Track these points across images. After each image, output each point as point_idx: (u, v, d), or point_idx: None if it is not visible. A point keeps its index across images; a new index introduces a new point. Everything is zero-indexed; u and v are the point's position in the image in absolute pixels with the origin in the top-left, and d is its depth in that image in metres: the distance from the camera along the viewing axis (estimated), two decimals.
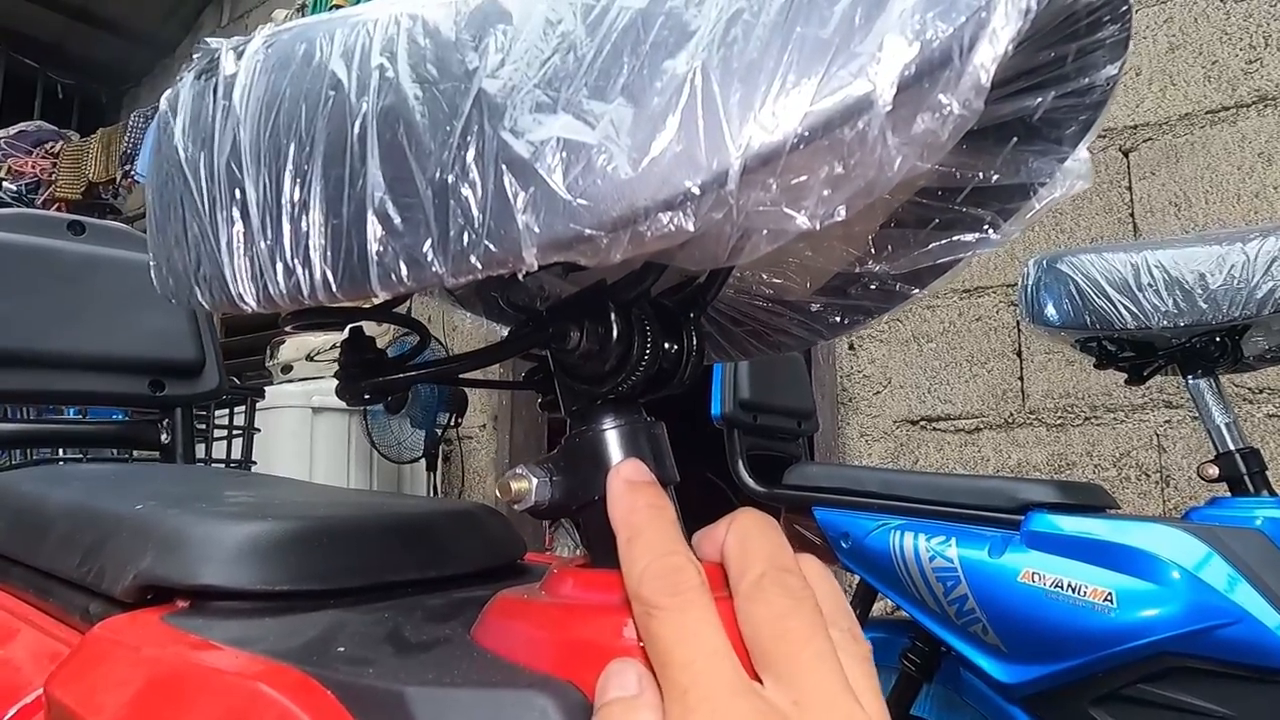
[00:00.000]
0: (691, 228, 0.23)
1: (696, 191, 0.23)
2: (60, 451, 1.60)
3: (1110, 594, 0.92)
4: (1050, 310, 1.07)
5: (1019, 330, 1.92)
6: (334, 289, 0.26)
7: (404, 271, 0.25)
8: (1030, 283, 1.09)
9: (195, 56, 0.32)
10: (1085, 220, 1.88)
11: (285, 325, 0.35)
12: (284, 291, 0.27)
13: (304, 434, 2.49)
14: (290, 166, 0.27)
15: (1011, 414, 1.91)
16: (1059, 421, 1.85)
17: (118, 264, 0.80)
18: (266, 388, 2.43)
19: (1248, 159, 1.71)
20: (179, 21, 4.33)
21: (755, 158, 0.23)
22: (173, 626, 0.37)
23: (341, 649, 0.34)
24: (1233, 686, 0.88)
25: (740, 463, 1.30)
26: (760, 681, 0.28)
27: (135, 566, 0.41)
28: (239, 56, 0.30)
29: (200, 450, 1.97)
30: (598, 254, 0.24)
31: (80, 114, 4.60)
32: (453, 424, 2.59)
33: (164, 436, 0.84)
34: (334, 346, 2.70)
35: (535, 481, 0.35)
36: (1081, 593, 0.94)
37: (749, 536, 0.32)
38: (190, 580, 0.39)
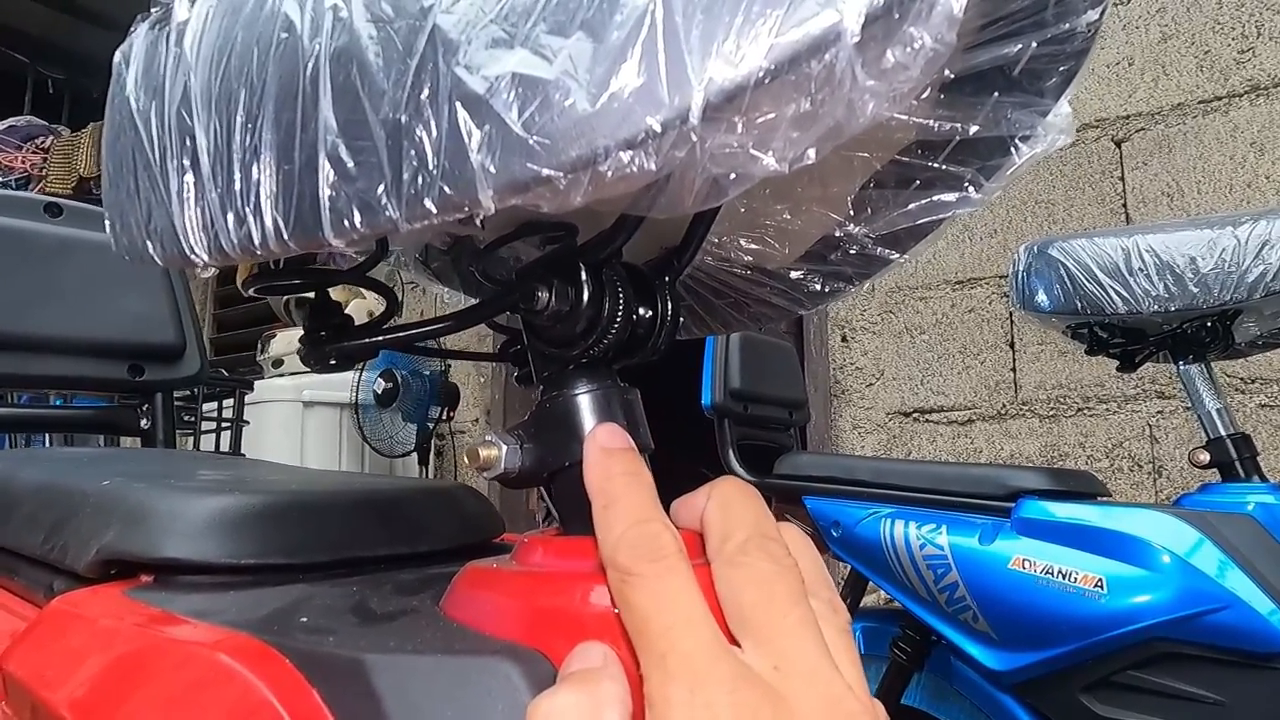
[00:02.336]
0: (654, 167, 0.22)
1: (658, 129, 0.22)
2: (49, 439, 1.59)
3: (1101, 580, 0.92)
4: (1041, 296, 1.07)
5: (1012, 322, 1.92)
6: (285, 237, 0.25)
7: (357, 217, 0.24)
8: (1021, 269, 1.09)
9: (153, 9, 0.31)
10: (1078, 211, 1.87)
11: (248, 289, 0.34)
12: (235, 242, 0.26)
13: (295, 428, 2.48)
14: (241, 112, 0.26)
15: (1004, 405, 1.90)
16: (1051, 413, 1.84)
17: (96, 247, 0.79)
18: (258, 382, 2.42)
19: (1240, 148, 1.71)
20: None
21: (719, 93, 0.22)
22: (134, 600, 0.36)
23: (304, 619, 0.33)
24: (1223, 672, 0.87)
25: (731, 452, 1.30)
26: (738, 647, 0.27)
27: (98, 541, 0.40)
28: (192, 3, 0.29)
29: (188, 444, 1.95)
30: (557, 196, 0.23)
31: (70, 108, 4.56)
32: (445, 417, 2.57)
33: (144, 422, 0.82)
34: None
35: (504, 448, 0.34)
36: (1072, 579, 0.93)
37: (731, 503, 0.31)
38: (153, 553, 0.38)
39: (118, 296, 0.79)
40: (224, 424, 1.95)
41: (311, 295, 0.36)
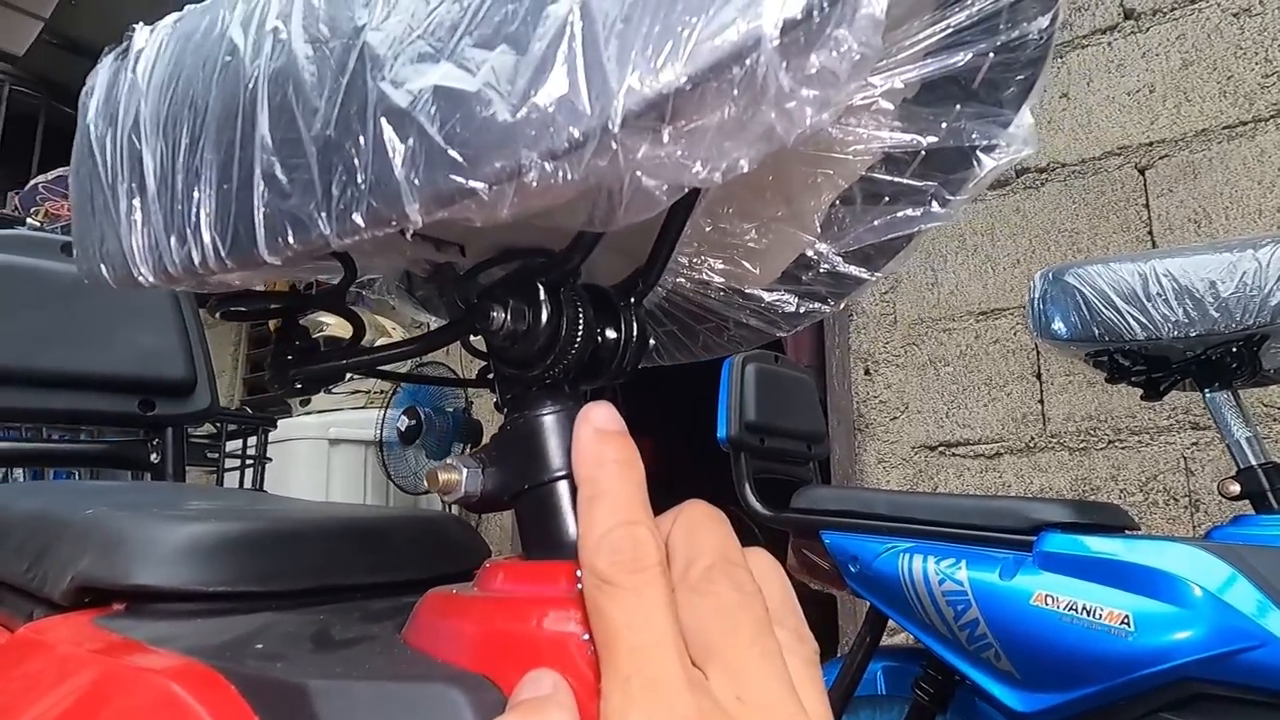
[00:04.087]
0: (577, 177, 0.22)
1: (580, 138, 0.22)
2: (79, 476, 1.61)
3: (1127, 617, 0.88)
4: (1058, 324, 1.04)
5: (1038, 352, 1.88)
6: (224, 256, 0.25)
7: (290, 234, 0.24)
8: (1037, 296, 1.07)
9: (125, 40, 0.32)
10: (1102, 239, 1.84)
11: (215, 313, 0.34)
12: (177, 263, 0.26)
13: (320, 465, 2.50)
14: (186, 135, 0.26)
15: (1032, 438, 1.86)
16: (1082, 445, 1.80)
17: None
18: (285, 419, 2.45)
19: (1268, 174, 1.67)
20: None
21: (640, 102, 0.21)
22: (99, 627, 0.36)
23: (260, 646, 0.32)
24: (1260, 715, 0.83)
25: (747, 486, 1.28)
26: (702, 673, 0.26)
27: (74, 569, 0.40)
28: (151, 32, 0.29)
29: (212, 482, 1.97)
30: (483, 209, 0.23)
31: None
32: (455, 455, 2.58)
33: (154, 457, 0.83)
34: (351, 379, 2.72)
35: (465, 472, 0.34)
36: (1097, 616, 0.90)
37: (697, 528, 0.30)
38: (124, 581, 0.38)
39: (129, 332, 0.81)
40: (248, 461, 1.98)
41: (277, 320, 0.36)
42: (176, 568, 0.39)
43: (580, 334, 0.33)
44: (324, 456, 2.53)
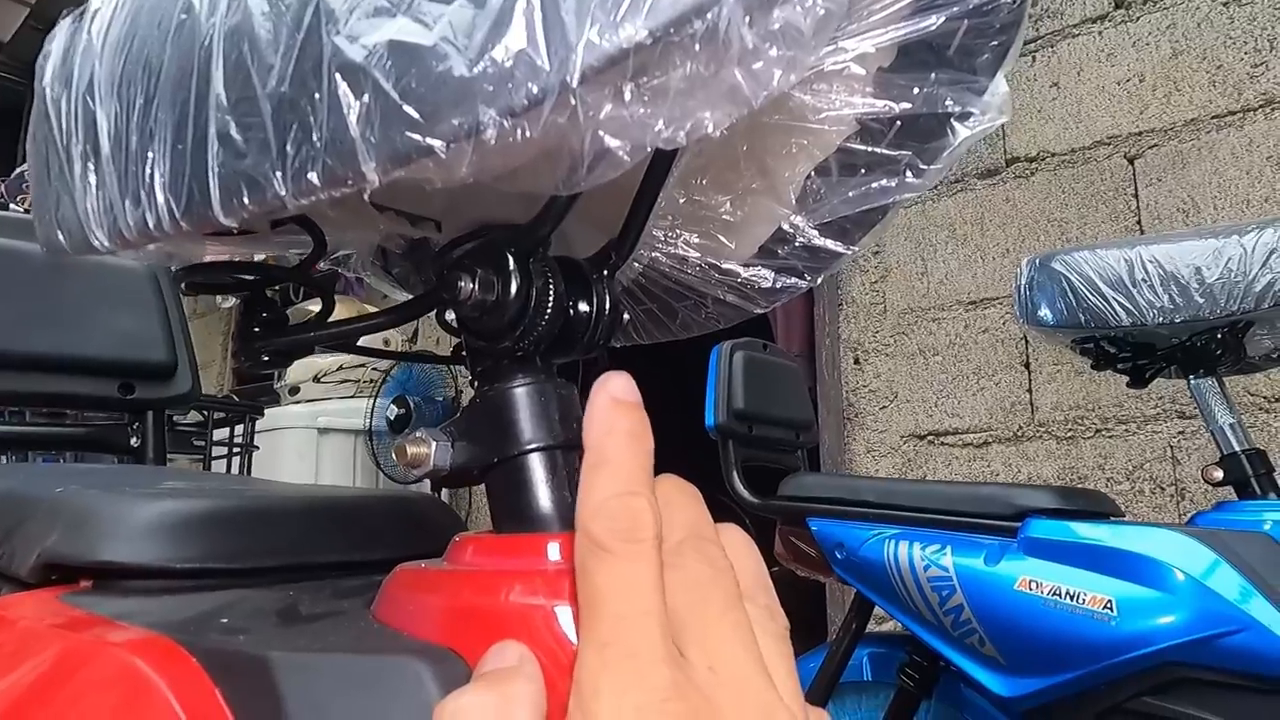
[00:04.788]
0: (535, 134, 0.22)
1: (538, 94, 0.21)
2: (63, 459, 1.60)
3: (1110, 601, 0.88)
4: (1044, 310, 1.04)
5: (1026, 342, 1.89)
6: (178, 218, 0.25)
7: (245, 194, 0.24)
8: (1024, 282, 1.07)
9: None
10: (1091, 228, 1.84)
11: (180, 283, 0.34)
12: (131, 225, 0.26)
13: (309, 454, 2.49)
14: (141, 95, 0.26)
15: (1020, 427, 1.86)
16: (1069, 434, 1.80)
17: (87, 266, 0.80)
18: (274, 408, 2.44)
19: (1256, 163, 1.68)
20: None
21: (600, 57, 0.21)
22: (64, 604, 0.36)
23: (224, 621, 0.32)
24: (1241, 698, 0.83)
25: (735, 474, 1.27)
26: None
27: (40, 546, 0.40)
28: None
29: (198, 469, 1.96)
30: (441, 167, 0.22)
31: None
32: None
33: (134, 440, 0.83)
34: (341, 368, 2.71)
35: (435, 445, 0.33)
36: (1080, 601, 0.90)
37: (670, 503, 0.30)
38: (91, 558, 0.38)
39: (109, 315, 0.80)
40: (235, 449, 1.97)
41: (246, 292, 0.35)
42: (144, 544, 0.38)
43: (550, 305, 0.32)
44: (313, 446, 2.52)
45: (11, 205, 2.89)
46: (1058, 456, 1.81)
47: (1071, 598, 0.90)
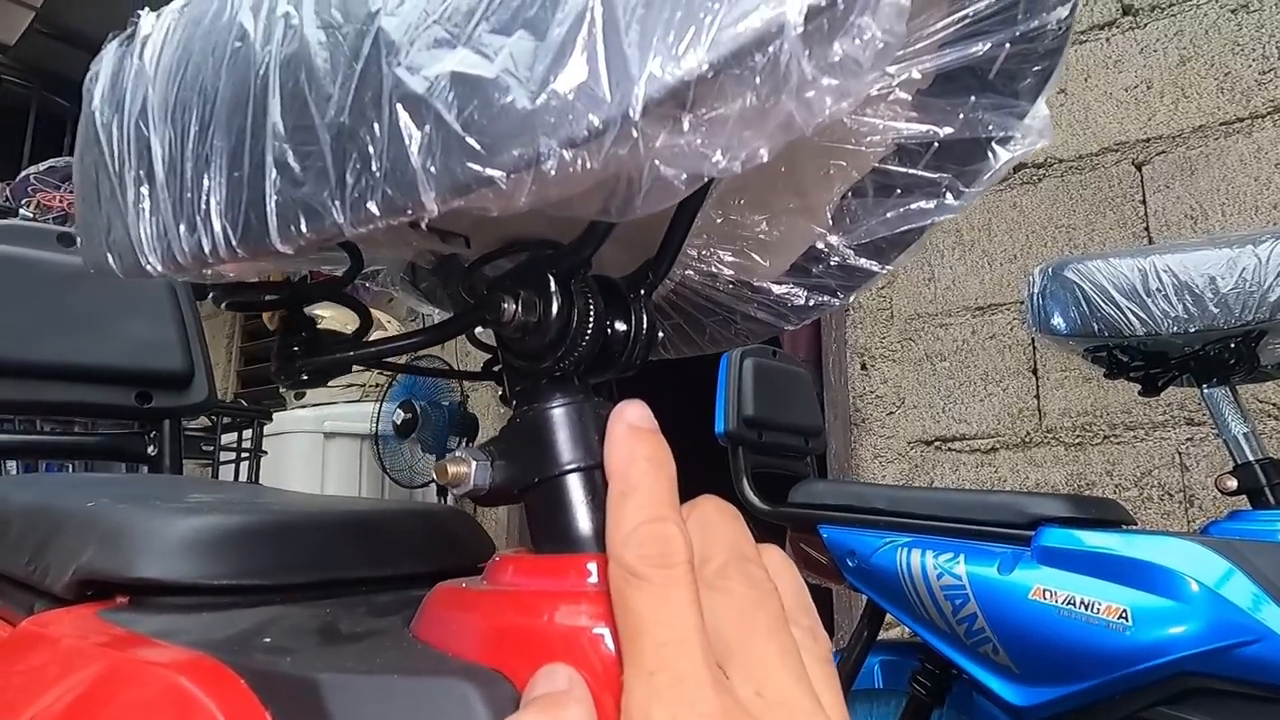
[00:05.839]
0: (596, 166, 0.22)
1: (600, 126, 0.21)
2: (73, 468, 1.60)
3: (1125, 611, 0.88)
4: (1057, 319, 1.04)
5: (1034, 348, 1.89)
6: (234, 244, 0.25)
7: (303, 223, 0.24)
8: (1036, 291, 1.07)
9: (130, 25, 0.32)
10: (1099, 235, 1.84)
11: (219, 304, 0.34)
12: (186, 251, 0.26)
13: (316, 458, 2.49)
14: (195, 122, 0.26)
15: (1028, 433, 1.86)
16: (1077, 440, 1.80)
17: (106, 275, 0.80)
18: (280, 413, 2.44)
19: (1265, 169, 1.68)
20: None
21: (661, 90, 0.21)
22: (104, 620, 0.36)
23: (267, 640, 0.32)
24: (1256, 709, 0.83)
25: (745, 481, 1.27)
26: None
27: (76, 561, 0.40)
28: (157, 18, 0.29)
29: (207, 474, 1.97)
30: (501, 197, 0.23)
31: (73, 136, 4.65)
32: (464, 447, 2.57)
33: (151, 449, 0.83)
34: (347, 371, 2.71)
35: (474, 465, 0.33)
36: (1095, 610, 0.90)
37: (711, 524, 0.30)
38: (128, 574, 0.38)
39: (126, 324, 0.80)
40: (243, 454, 1.97)
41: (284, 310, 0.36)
42: (180, 560, 0.38)
43: (591, 326, 0.32)
44: (319, 450, 2.52)
45: (20, 210, 2.89)
46: (1066, 463, 1.81)
47: (1086, 607, 0.90)
